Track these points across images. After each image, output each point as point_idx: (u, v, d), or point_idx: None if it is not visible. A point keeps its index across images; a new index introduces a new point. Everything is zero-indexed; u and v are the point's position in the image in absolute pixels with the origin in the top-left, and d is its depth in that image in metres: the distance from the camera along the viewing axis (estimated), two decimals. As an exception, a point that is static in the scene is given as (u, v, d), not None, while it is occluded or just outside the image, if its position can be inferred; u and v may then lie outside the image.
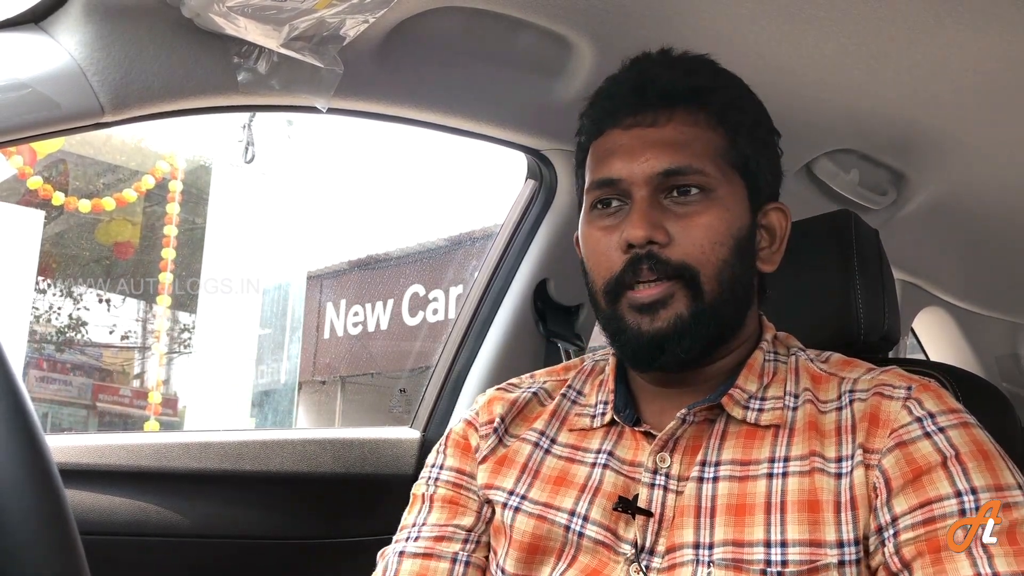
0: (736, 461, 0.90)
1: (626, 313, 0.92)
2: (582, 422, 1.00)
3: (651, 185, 0.92)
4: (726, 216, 0.93)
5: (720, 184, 0.93)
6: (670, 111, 0.95)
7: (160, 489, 1.34)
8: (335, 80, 1.16)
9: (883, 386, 0.90)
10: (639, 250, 0.91)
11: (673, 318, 0.91)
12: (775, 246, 1.00)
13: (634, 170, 0.93)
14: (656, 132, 0.94)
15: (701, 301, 0.91)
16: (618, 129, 0.96)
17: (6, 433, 0.58)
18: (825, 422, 0.90)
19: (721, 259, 0.92)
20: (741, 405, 0.92)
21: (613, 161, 0.95)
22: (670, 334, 0.91)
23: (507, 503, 0.97)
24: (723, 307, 0.93)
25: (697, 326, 0.91)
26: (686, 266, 0.91)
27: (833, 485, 0.86)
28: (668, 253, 0.91)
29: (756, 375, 0.95)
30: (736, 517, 0.86)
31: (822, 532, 0.84)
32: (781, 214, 1.00)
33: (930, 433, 0.85)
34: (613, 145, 0.96)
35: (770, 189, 1.00)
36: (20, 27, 1.05)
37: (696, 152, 0.93)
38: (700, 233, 0.91)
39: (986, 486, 0.81)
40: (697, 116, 0.95)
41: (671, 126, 0.94)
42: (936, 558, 0.79)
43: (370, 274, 8.64)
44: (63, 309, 8.46)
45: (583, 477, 0.95)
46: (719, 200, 0.93)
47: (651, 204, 0.92)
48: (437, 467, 1.04)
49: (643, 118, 0.95)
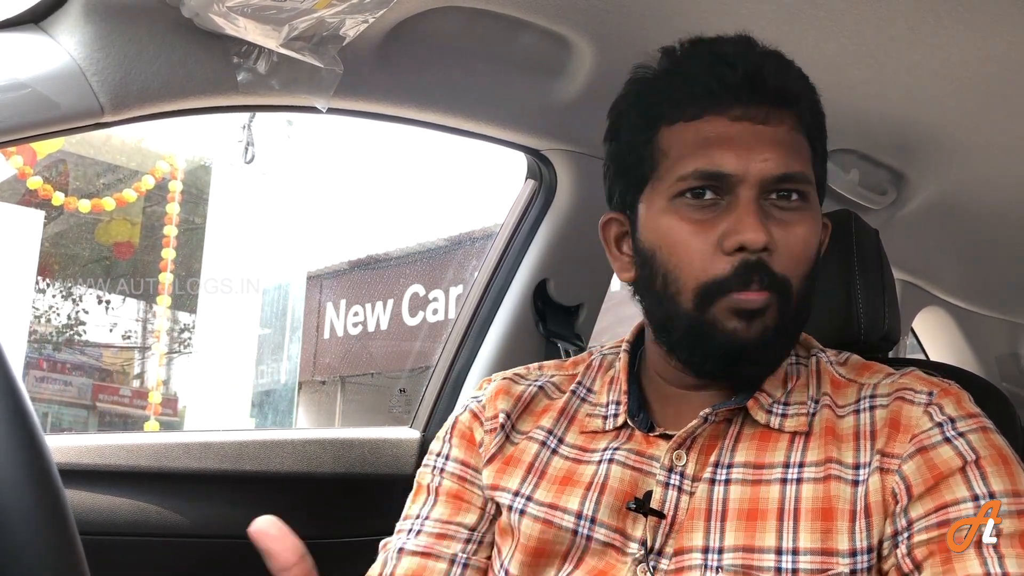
0: (749, 464, 0.88)
1: (723, 318, 0.87)
2: (593, 423, 0.97)
3: (759, 187, 0.87)
4: (816, 229, 0.91)
5: (813, 195, 0.91)
6: (781, 112, 0.89)
7: (160, 489, 1.34)
8: (335, 80, 1.16)
9: (904, 390, 0.89)
10: (750, 256, 0.85)
11: (762, 328, 0.87)
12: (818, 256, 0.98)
13: (750, 167, 0.86)
14: (769, 131, 0.88)
15: (787, 315, 0.88)
16: (724, 118, 0.88)
17: (6, 433, 0.58)
18: (842, 427, 0.89)
19: (808, 273, 0.89)
20: (765, 409, 0.91)
21: (722, 153, 0.87)
22: (759, 345, 0.87)
23: (512, 505, 0.95)
24: (801, 321, 0.91)
25: (779, 339, 0.89)
26: (785, 279, 0.87)
27: (849, 493, 0.84)
28: (771, 262, 0.86)
29: (780, 379, 0.93)
30: (748, 522, 0.85)
31: (835, 541, 0.82)
32: (826, 227, 0.98)
33: (950, 438, 0.84)
34: (720, 134, 0.88)
35: (823, 200, 0.98)
36: (20, 27, 1.05)
37: (803, 157, 0.90)
38: (799, 244, 0.88)
39: (1004, 491, 0.81)
40: (799, 122, 0.92)
41: (783, 128, 0.89)
42: (946, 557, 0.79)
43: (370, 274, 8.64)
44: (63, 309, 8.47)
45: (588, 475, 0.94)
46: (813, 211, 0.90)
47: (761, 208, 0.87)
48: (443, 457, 1.02)
49: (756, 113, 0.88)
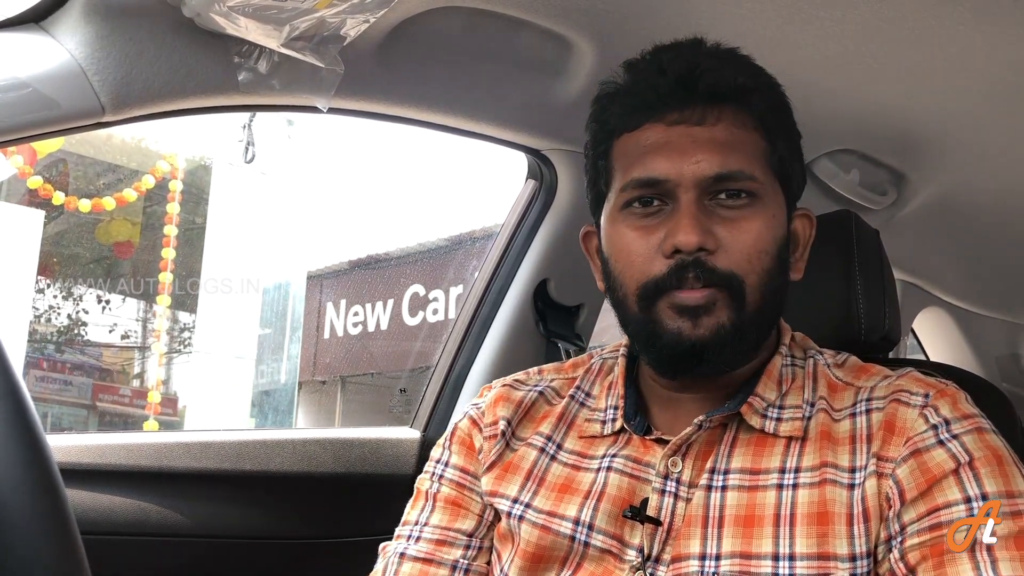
0: (745, 470, 0.88)
1: (665, 316, 0.87)
2: (592, 428, 0.97)
3: (700, 188, 0.87)
4: (771, 224, 0.90)
5: (766, 190, 0.90)
6: (719, 110, 0.89)
7: (160, 489, 1.34)
8: (335, 80, 1.16)
9: (901, 392, 0.88)
10: (686, 256, 0.86)
11: (715, 326, 0.86)
12: (798, 253, 0.97)
13: (683, 171, 0.87)
14: (705, 131, 0.89)
15: (743, 311, 0.87)
16: (660, 125, 0.90)
17: (6, 433, 0.58)
18: (838, 430, 0.88)
19: (765, 269, 0.88)
20: (760, 414, 0.90)
21: (657, 159, 0.89)
22: (711, 343, 0.87)
23: (511, 512, 0.95)
24: (762, 318, 0.90)
25: (738, 337, 0.88)
26: (733, 276, 0.87)
27: (846, 497, 0.84)
28: (715, 261, 0.86)
29: (775, 382, 0.92)
30: (744, 528, 0.85)
31: (832, 546, 0.82)
32: (807, 220, 0.98)
33: (944, 440, 0.83)
34: (656, 142, 0.89)
35: (799, 192, 0.97)
36: (20, 27, 1.05)
37: (746, 154, 0.89)
38: (748, 240, 0.87)
39: (997, 492, 0.80)
40: (745, 117, 0.91)
41: (721, 126, 0.89)
42: (939, 561, 0.78)
43: (370, 274, 8.64)
44: (63, 309, 8.46)
45: (587, 483, 0.93)
46: (765, 206, 0.89)
47: (699, 208, 0.87)
48: (442, 464, 1.03)
49: (690, 115, 0.89)
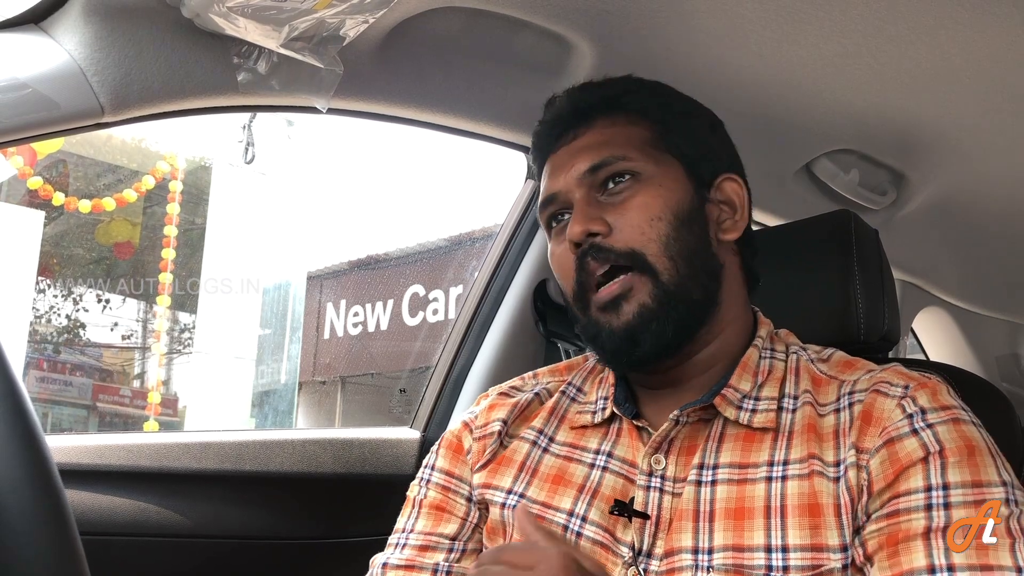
0: (734, 464, 0.89)
1: (597, 316, 0.94)
2: (583, 419, 1.00)
3: (584, 185, 0.96)
4: (661, 192, 0.95)
5: (648, 167, 0.96)
6: (588, 123, 1.00)
7: (160, 489, 1.34)
8: (335, 80, 1.16)
9: (881, 383, 0.89)
10: (583, 245, 0.94)
11: (637, 308, 0.92)
12: (738, 215, 1.00)
13: (567, 178, 0.98)
14: (578, 143, 0.99)
15: (660, 284, 0.92)
16: (551, 155, 1.02)
17: (6, 433, 0.58)
18: (824, 425, 0.89)
19: (663, 234, 0.93)
20: (734, 405, 0.92)
21: (551, 179, 1.01)
22: (638, 324, 0.92)
23: (505, 502, 0.97)
24: (686, 284, 0.93)
25: (665, 309, 0.92)
26: (631, 251, 0.92)
27: (832, 488, 0.85)
28: (611, 241, 0.93)
29: (751, 373, 0.94)
30: (736, 521, 0.86)
31: (824, 536, 0.83)
32: (735, 183, 1.01)
33: (918, 430, 0.84)
34: (550, 168, 1.02)
35: (716, 166, 1.01)
36: (20, 27, 1.05)
37: (618, 144, 0.97)
38: (636, 214, 0.94)
39: (961, 482, 0.80)
40: (615, 118, 0.99)
41: (590, 133, 0.99)
42: (893, 551, 0.79)
43: (370, 274, 8.64)
44: (63, 309, 8.47)
45: (581, 477, 0.95)
46: (650, 180, 0.95)
47: (588, 203, 0.96)
48: (429, 468, 1.05)
49: (566, 137, 1.01)
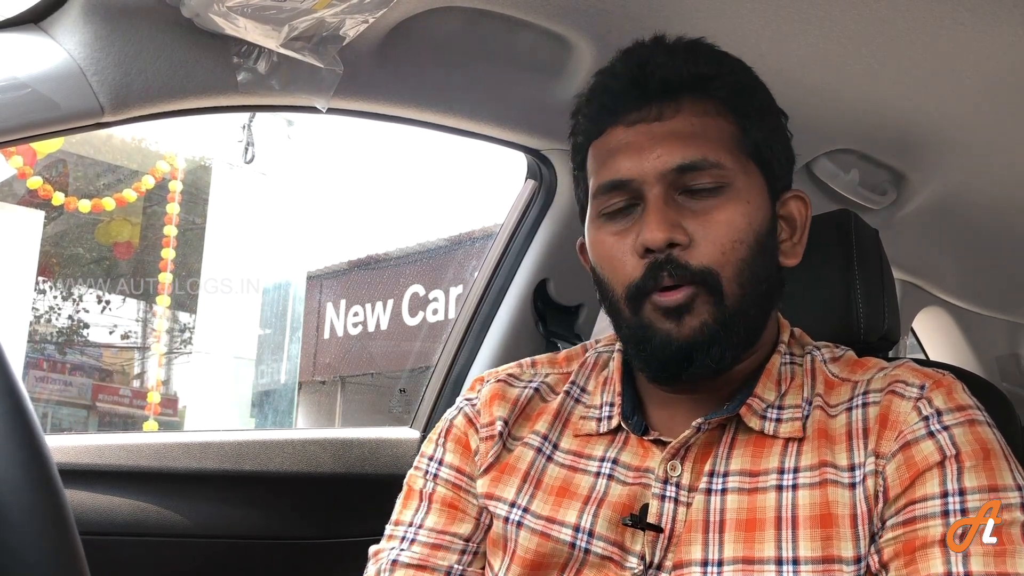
0: (745, 472, 0.86)
1: (653, 319, 0.86)
2: (587, 426, 0.95)
3: (665, 182, 0.87)
4: (747, 210, 0.87)
5: (737, 176, 0.88)
6: (676, 102, 0.89)
7: (160, 489, 1.34)
8: (335, 80, 1.16)
9: (896, 383, 0.87)
10: (658, 255, 0.85)
11: (699, 325, 0.85)
12: (796, 237, 0.94)
13: (645, 168, 0.87)
14: (663, 126, 0.88)
15: (724, 307, 0.86)
16: (621, 126, 0.90)
17: (6, 433, 0.58)
18: (834, 426, 0.86)
19: (741, 259, 0.86)
20: (759, 415, 0.88)
21: (620, 161, 0.89)
22: (698, 343, 0.85)
23: (509, 516, 0.93)
24: (749, 310, 0.88)
25: (725, 333, 0.86)
26: (708, 271, 0.85)
27: (848, 497, 0.82)
28: (688, 257, 0.85)
29: (774, 382, 0.90)
30: (746, 533, 0.83)
31: (836, 548, 0.80)
32: (801, 202, 0.95)
33: (934, 432, 0.82)
34: (618, 144, 0.90)
35: (786, 176, 0.95)
36: (20, 27, 1.05)
37: (709, 143, 0.87)
38: (721, 232, 0.86)
39: (979, 487, 0.79)
40: (705, 105, 0.89)
41: (679, 118, 0.88)
42: (911, 559, 0.77)
43: (370, 274, 8.64)
44: (63, 309, 8.46)
45: (587, 488, 0.91)
46: (738, 193, 0.87)
47: (667, 202, 0.86)
48: (436, 461, 0.99)
49: (647, 112, 0.89)
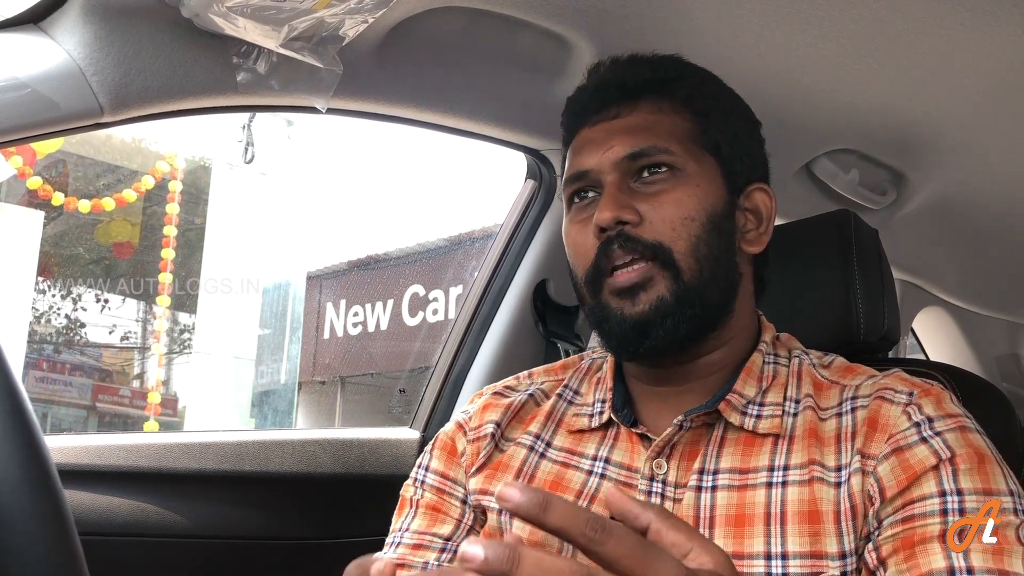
0: (735, 469, 0.88)
1: (609, 300, 0.92)
2: (580, 422, 0.98)
3: (619, 170, 0.94)
4: (697, 192, 0.93)
5: (688, 163, 0.94)
6: (633, 102, 0.97)
7: (160, 489, 1.34)
8: (334, 80, 1.16)
9: (885, 390, 0.89)
10: (610, 232, 0.91)
11: (655, 300, 0.90)
12: (763, 227, 0.99)
13: (601, 159, 0.95)
14: (620, 122, 0.97)
15: (681, 281, 0.91)
16: (586, 127, 0.99)
17: (5, 433, 0.58)
18: (825, 429, 0.89)
19: (694, 235, 0.92)
20: (739, 411, 0.91)
21: (583, 155, 0.97)
22: (653, 317, 0.90)
23: (502, 509, 0.95)
24: (706, 287, 0.92)
25: (680, 306, 0.90)
26: (659, 245, 0.91)
27: (833, 495, 0.84)
28: (639, 232, 0.91)
29: (755, 379, 0.93)
30: (735, 528, 0.85)
31: (823, 544, 0.82)
32: (765, 195, 1.00)
33: (927, 438, 0.83)
34: (582, 142, 0.99)
35: (750, 172, 0.99)
36: (20, 27, 1.05)
37: (660, 134, 0.95)
38: (670, 209, 0.92)
39: (974, 489, 0.80)
40: (661, 104, 0.97)
41: (634, 115, 0.96)
42: (910, 553, 0.78)
43: (370, 274, 8.65)
44: (63, 309, 8.47)
45: (579, 484, 0.94)
46: (688, 178, 0.94)
47: (620, 188, 0.93)
48: (423, 469, 1.04)
49: (607, 113, 0.98)
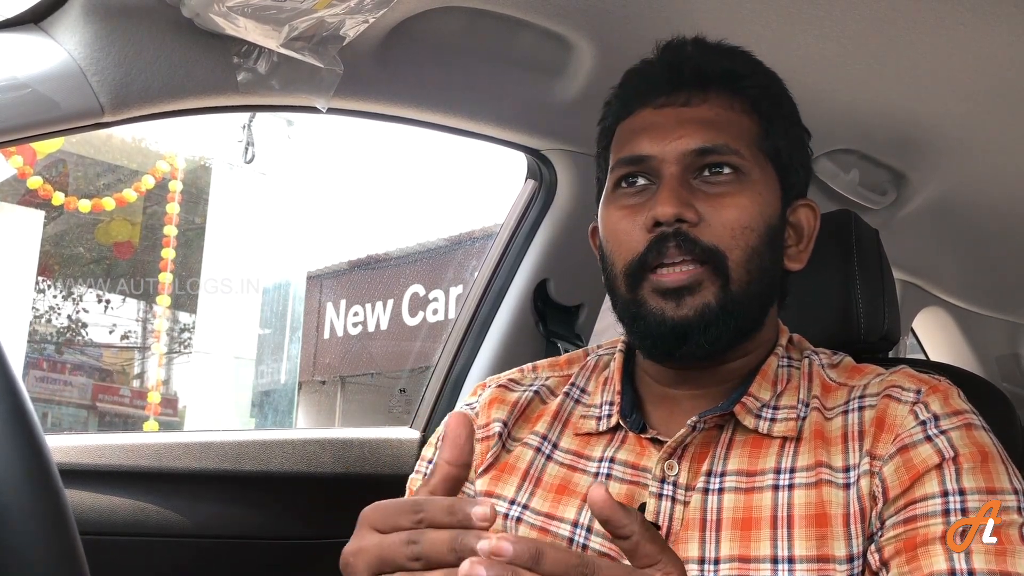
0: (742, 472, 0.87)
1: (648, 298, 0.88)
2: (587, 425, 0.96)
3: (683, 163, 0.89)
4: (759, 200, 0.90)
5: (754, 169, 0.90)
6: (704, 92, 0.92)
7: (160, 489, 1.34)
8: (335, 80, 1.16)
9: (893, 388, 0.88)
10: (667, 228, 0.86)
11: (700, 306, 0.86)
12: (803, 244, 0.97)
13: (665, 148, 0.90)
14: (690, 111, 0.91)
15: (729, 291, 0.87)
16: (649, 108, 0.93)
17: (6, 433, 0.58)
18: (831, 429, 0.87)
19: (751, 245, 0.88)
20: (753, 414, 0.89)
21: (643, 139, 0.91)
22: (695, 323, 0.86)
23: (508, 513, 0.94)
24: (750, 300, 0.89)
25: (724, 316, 0.87)
26: (716, 250, 0.87)
27: (842, 497, 0.83)
28: (697, 233, 0.87)
29: (770, 382, 0.92)
30: (742, 532, 0.84)
31: (831, 547, 0.81)
32: (810, 211, 0.98)
33: (932, 436, 0.83)
34: (643, 124, 0.93)
35: (801, 186, 0.98)
36: (20, 27, 1.05)
37: (732, 134, 0.90)
38: (732, 215, 0.88)
39: (977, 488, 0.79)
40: (732, 100, 0.93)
41: (706, 106, 0.92)
42: (913, 555, 0.78)
43: (370, 274, 8.64)
44: (63, 309, 8.47)
45: (586, 486, 0.92)
46: (752, 184, 0.90)
47: (681, 182, 0.88)
48: (428, 463, 1.03)
49: (676, 98, 0.92)
